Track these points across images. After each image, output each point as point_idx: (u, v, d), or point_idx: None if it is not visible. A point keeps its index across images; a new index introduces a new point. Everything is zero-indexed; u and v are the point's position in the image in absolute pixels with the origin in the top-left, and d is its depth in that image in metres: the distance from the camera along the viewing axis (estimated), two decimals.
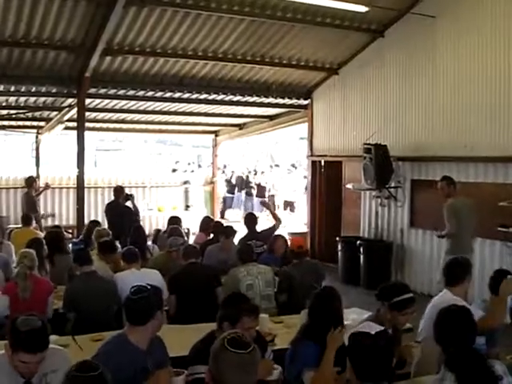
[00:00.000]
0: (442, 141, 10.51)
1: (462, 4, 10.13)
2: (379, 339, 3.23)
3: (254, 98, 13.72)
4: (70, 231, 14.21)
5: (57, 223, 14.11)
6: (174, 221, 9.80)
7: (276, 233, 9.02)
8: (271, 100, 13.83)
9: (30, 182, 11.52)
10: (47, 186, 12.34)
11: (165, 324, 4.91)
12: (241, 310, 4.10)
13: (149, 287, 4.01)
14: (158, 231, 10.50)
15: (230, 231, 8.40)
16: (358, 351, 3.22)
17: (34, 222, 10.16)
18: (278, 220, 9.61)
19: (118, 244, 8.26)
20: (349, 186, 12.38)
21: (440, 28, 10.49)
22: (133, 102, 13.86)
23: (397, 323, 4.50)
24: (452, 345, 3.56)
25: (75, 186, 12.51)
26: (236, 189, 22.37)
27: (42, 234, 9.27)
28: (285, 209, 21.54)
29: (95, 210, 12.84)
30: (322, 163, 13.99)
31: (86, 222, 10.67)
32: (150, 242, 9.56)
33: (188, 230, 10.75)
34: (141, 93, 12.58)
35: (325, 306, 4.39)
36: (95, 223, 9.47)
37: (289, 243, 8.41)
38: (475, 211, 8.60)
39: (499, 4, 9.51)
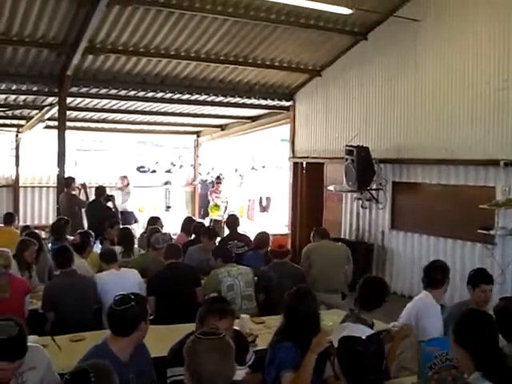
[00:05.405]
0: (424, 143, 10.55)
1: (445, 8, 10.18)
2: (371, 344, 3.19)
3: (236, 99, 13.69)
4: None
5: (36, 223, 13.98)
6: (154, 221, 9.71)
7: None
8: (253, 101, 13.80)
9: (69, 182, 11.45)
10: (84, 186, 12.05)
11: None
12: (208, 310, 4.06)
13: (133, 297, 3.92)
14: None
15: (213, 233, 8.33)
16: (349, 356, 3.17)
17: (16, 221, 9.97)
18: None
19: (99, 244, 8.21)
20: (330, 187, 12.38)
21: (423, 32, 10.53)
22: (114, 102, 13.75)
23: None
24: (484, 349, 3.22)
25: (55, 185, 12.43)
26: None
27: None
28: (261, 210, 21.40)
29: None
30: (304, 165, 13.99)
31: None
32: None
33: (169, 234, 10.64)
34: (123, 92, 12.49)
35: (299, 307, 4.36)
36: (64, 220, 9.18)
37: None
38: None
39: (482, 9, 9.57)
